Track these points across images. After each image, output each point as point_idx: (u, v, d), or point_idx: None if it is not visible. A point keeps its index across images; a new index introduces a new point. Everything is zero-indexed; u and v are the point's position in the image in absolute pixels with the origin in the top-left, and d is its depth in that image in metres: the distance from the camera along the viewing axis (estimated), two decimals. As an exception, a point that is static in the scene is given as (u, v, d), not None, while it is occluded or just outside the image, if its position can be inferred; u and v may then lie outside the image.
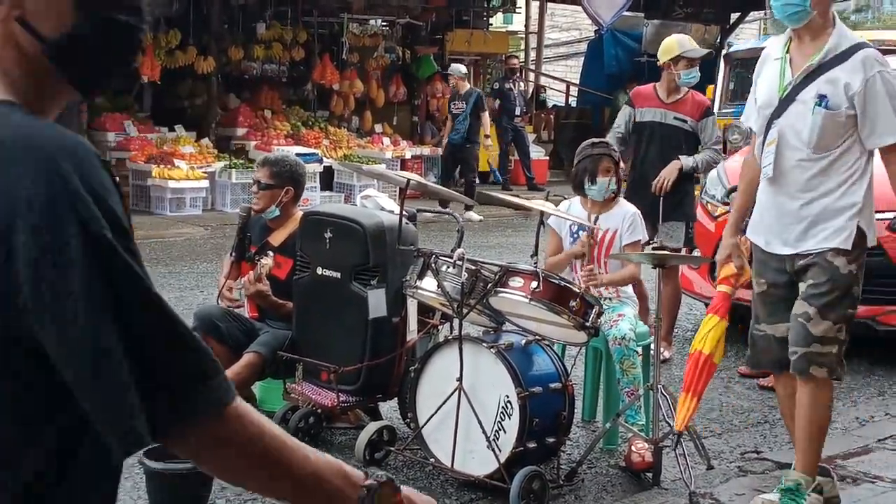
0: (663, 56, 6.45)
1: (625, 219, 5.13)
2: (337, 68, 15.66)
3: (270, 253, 5.14)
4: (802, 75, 3.92)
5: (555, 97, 21.39)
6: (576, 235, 5.16)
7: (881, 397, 6.07)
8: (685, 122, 6.42)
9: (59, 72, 1.34)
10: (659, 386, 4.47)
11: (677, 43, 6.47)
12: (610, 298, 5.03)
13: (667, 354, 6.40)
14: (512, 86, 16.25)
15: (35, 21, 1.30)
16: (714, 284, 4.62)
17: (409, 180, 4.72)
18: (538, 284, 4.14)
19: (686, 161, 6.35)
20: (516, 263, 4.39)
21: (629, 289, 5.18)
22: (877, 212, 4.11)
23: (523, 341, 4.46)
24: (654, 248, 4.81)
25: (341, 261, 4.84)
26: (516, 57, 18.16)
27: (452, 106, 13.46)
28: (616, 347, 4.76)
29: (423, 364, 4.49)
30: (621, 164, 5.23)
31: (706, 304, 7.49)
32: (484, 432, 4.21)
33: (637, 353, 4.82)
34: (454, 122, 13.44)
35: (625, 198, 5.36)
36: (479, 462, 4.27)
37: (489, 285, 4.26)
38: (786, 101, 3.94)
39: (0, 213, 1.20)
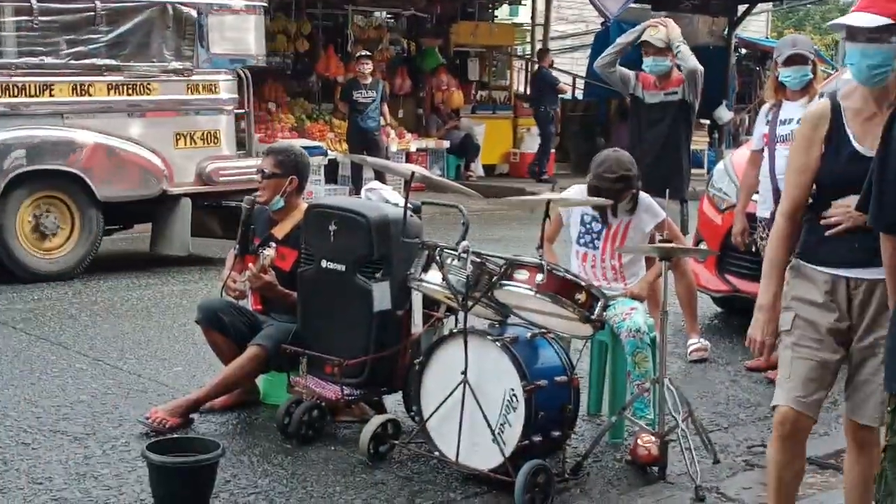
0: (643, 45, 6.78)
1: (639, 206, 5.14)
2: (341, 60, 15.63)
3: (273, 244, 5.12)
4: None
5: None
6: (588, 226, 5.17)
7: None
8: (675, 93, 6.72)
9: None
10: (665, 379, 4.45)
11: (645, 30, 6.79)
12: (617, 291, 5.01)
13: (703, 342, 6.47)
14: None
15: None
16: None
17: (413, 173, 4.69)
18: (543, 277, 4.11)
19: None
20: (521, 256, 4.37)
21: (638, 280, 5.15)
22: None
23: (528, 334, 4.44)
24: (661, 241, 4.78)
25: (346, 253, 4.82)
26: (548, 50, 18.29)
27: (359, 95, 13.54)
28: (630, 339, 4.74)
29: (428, 357, 4.47)
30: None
31: (713, 297, 7.48)
32: (489, 426, 4.19)
33: (649, 346, 4.80)
34: (365, 110, 13.53)
35: None
36: (483, 455, 4.25)
37: (494, 278, 4.24)
38: None
39: None
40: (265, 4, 9.97)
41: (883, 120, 3.19)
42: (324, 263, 4.89)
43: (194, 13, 9.19)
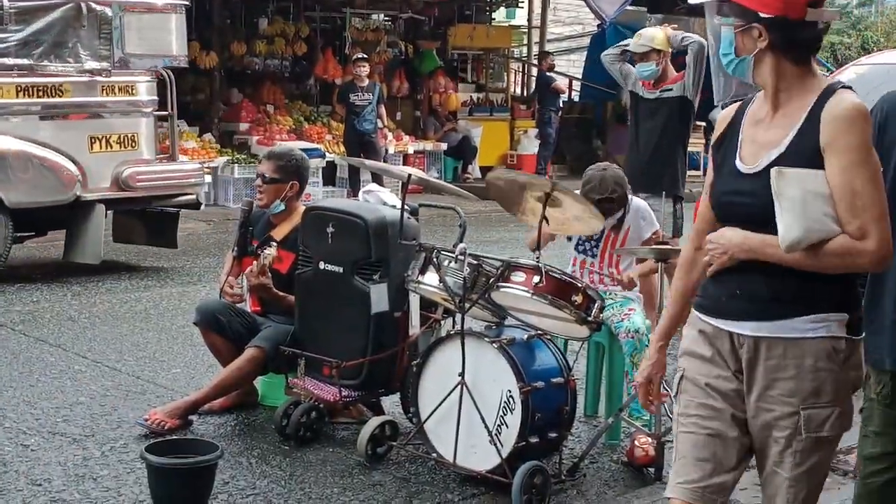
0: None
1: (637, 214, 5.15)
2: (339, 63, 15.65)
3: (273, 243, 5.13)
4: None
5: (557, 92, 21.35)
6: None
7: (884, 392, 6.06)
8: (670, 90, 6.80)
9: None
10: (662, 381, 4.46)
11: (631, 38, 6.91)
12: (616, 293, 5.03)
13: None
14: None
15: None
16: None
17: (410, 175, 4.72)
18: (540, 279, 4.13)
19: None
20: (518, 258, 4.39)
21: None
22: None
23: (525, 336, 4.46)
24: (657, 243, 4.80)
25: (343, 255, 4.84)
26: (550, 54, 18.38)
27: (356, 97, 13.57)
28: (628, 340, 4.76)
29: (426, 359, 4.49)
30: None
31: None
32: (486, 427, 4.21)
33: (647, 347, 4.82)
34: (362, 113, 13.58)
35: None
36: (481, 457, 4.27)
37: (491, 280, 4.26)
38: None
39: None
40: (187, 3, 9.56)
41: (770, 124, 2.58)
42: (322, 265, 4.91)
43: (109, 11, 8.76)
